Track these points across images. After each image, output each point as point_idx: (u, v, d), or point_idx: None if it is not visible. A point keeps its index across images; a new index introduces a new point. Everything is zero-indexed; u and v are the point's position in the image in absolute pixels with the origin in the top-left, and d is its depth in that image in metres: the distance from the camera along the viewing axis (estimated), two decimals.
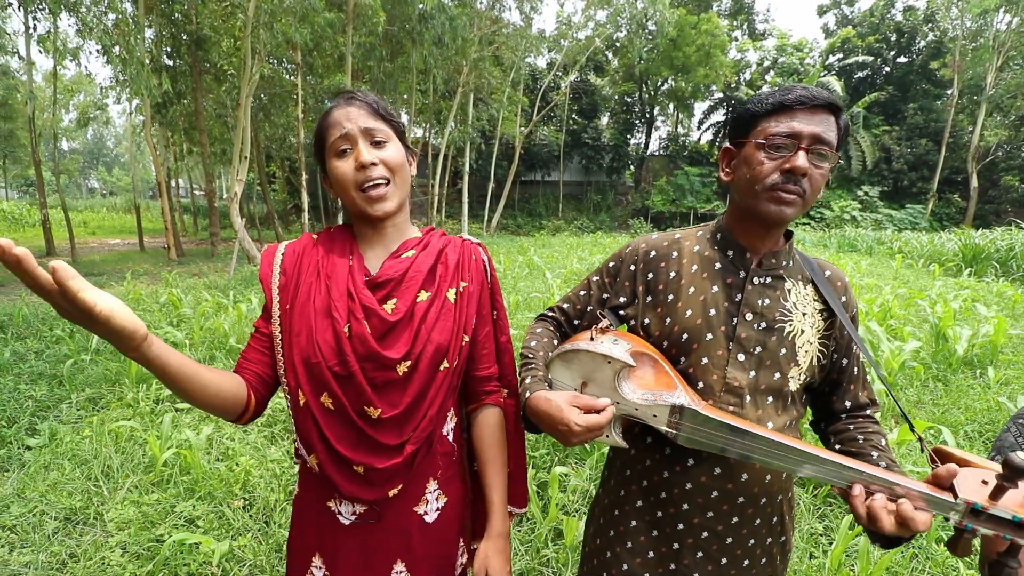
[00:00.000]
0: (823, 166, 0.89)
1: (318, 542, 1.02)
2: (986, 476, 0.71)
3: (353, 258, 0.99)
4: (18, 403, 3.44)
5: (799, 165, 0.86)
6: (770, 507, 0.99)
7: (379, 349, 0.91)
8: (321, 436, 0.93)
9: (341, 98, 0.97)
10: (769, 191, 0.89)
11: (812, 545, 2.29)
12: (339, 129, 0.93)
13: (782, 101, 0.89)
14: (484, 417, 1.07)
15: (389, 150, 0.95)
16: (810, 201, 0.91)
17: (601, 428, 0.87)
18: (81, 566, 2.10)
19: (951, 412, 3.63)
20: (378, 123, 0.95)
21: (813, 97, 0.88)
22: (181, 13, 12.52)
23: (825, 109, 0.89)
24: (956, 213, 25.47)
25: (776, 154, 0.89)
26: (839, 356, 1.01)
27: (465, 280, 1.02)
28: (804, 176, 0.87)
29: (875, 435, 0.98)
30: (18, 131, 24.68)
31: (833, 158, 0.89)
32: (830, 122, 0.89)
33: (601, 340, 0.95)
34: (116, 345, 0.70)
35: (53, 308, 0.63)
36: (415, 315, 0.94)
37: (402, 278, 0.96)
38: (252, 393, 0.95)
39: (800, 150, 0.87)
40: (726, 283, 0.98)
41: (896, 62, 29.00)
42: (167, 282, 7.93)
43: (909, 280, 9.40)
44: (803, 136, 0.87)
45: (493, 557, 1.03)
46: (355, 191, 0.94)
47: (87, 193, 61.20)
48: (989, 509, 0.68)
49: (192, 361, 0.83)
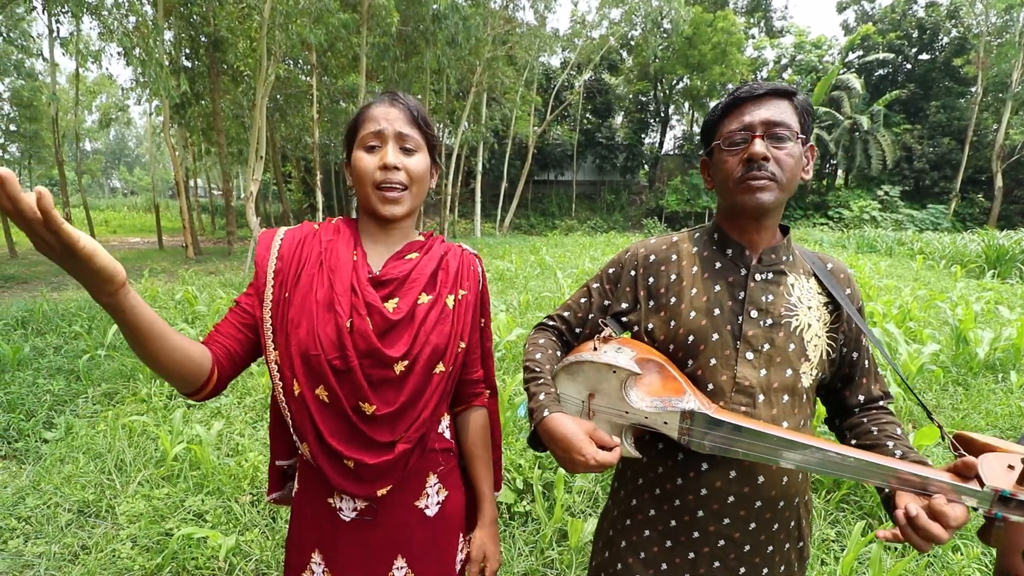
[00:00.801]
0: (785, 146, 0.90)
1: (318, 538, 1.02)
2: (1012, 460, 0.70)
3: (357, 253, 0.99)
4: (36, 397, 3.51)
5: (755, 151, 0.89)
6: (788, 511, 0.97)
7: (379, 346, 0.91)
8: (314, 428, 0.93)
9: (386, 96, 0.99)
10: (738, 184, 0.92)
11: (824, 552, 2.24)
12: (374, 125, 0.95)
13: (731, 101, 0.94)
14: (473, 417, 1.12)
15: (415, 159, 0.97)
16: (787, 183, 0.92)
17: (613, 464, 0.88)
18: (93, 558, 2.13)
19: (971, 417, 3.54)
20: (413, 131, 0.97)
21: (755, 88, 0.92)
22: (199, 15, 12.74)
23: (773, 96, 0.92)
24: (980, 213, 24.87)
25: (735, 148, 0.93)
26: (849, 350, 1.00)
27: (464, 288, 1.04)
28: (767, 160, 0.89)
29: (889, 425, 0.96)
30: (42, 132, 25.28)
31: (794, 137, 0.91)
32: (781, 106, 0.92)
33: (604, 349, 0.94)
34: (92, 288, 0.66)
35: (31, 241, 0.59)
36: (416, 316, 0.95)
37: (405, 279, 0.97)
38: (216, 368, 0.91)
39: (755, 138, 0.90)
40: (728, 281, 0.97)
41: (918, 59, 28.40)
42: (183, 280, 8.06)
43: (930, 282, 9.20)
44: (754, 125, 0.90)
45: (489, 543, 1.10)
46: (371, 187, 0.96)
47: (109, 192, 62.53)
48: (1018, 495, 0.66)
49: (163, 322, 0.79)
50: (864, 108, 25.49)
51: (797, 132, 0.91)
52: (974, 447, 0.77)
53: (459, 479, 1.10)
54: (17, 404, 3.37)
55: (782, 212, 0.98)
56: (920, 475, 0.73)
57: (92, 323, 5.21)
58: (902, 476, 0.74)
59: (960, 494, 0.70)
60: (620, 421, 0.91)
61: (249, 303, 0.99)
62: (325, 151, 18.23)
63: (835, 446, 0.79)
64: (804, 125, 0.93)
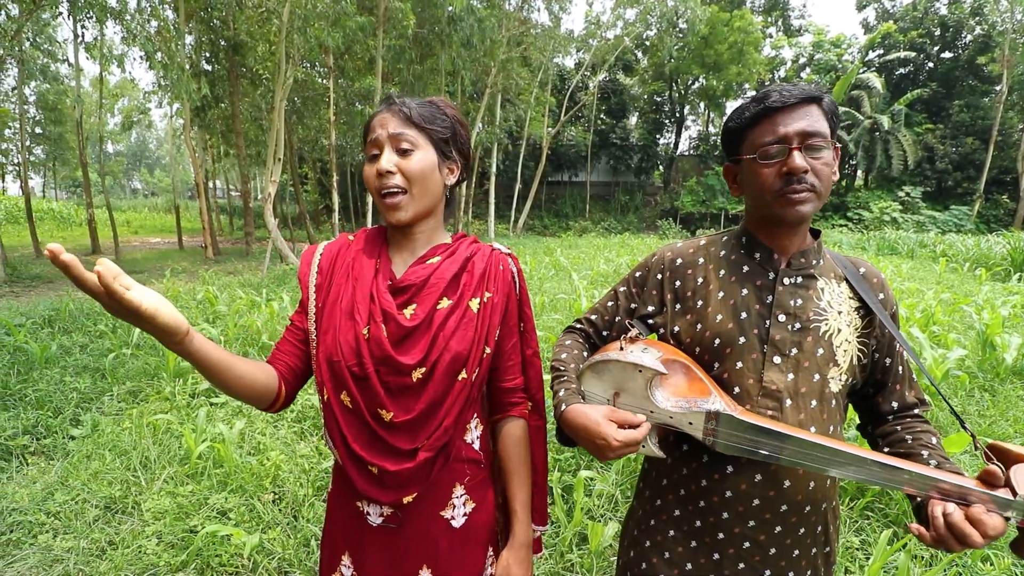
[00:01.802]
0: (821, 156, 0.89)
1: (347, 541, 1.04)
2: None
3: (380, 261, 1.00)
4: (63, 395, 3.60)
5: (797, 165, 0.87)
6: (815, 515, 0.96)
7: (393, 353, 0.91)
8: (340, 433, 0.95)
9: (383, 103, 1.00)
10: (778, 197, 0.90)
11: (848, 560, 2.21)
12: (371, 134, 0.97)
13: (761, 111, 0.91)
14: (510, 428, 1.06)
15: (412, 159, 0.95)
16: (824, 192, 0.91)
17: (638, 443, 0.87)
18: (119, 553, 2.18)
19: (999, 424, 3.45)
20: (408, 130, 0.95)
21: (786, 97, 0.89)
22: (219, 20, 12.94)
23: (804, 103, 0.89)
24: (1005, 215, 24.26)
25: (772, 161, 0.90)
26: (881, 356, 0.98)
27: (490, 291, 1.00)
28: (806, 173, 0.88)
29: (924, 434, 0.94)
30: (67, 134, 25.90)
31: (829, 144, 0.89)
32: (814, 113, 0.89)
33: (631, 349, 0.94)
34: (160, 340, 0.74)
35: (102, 306, 0.67)
36: (434, 322, 0.94)
37: (424, 284, 0.96)
38: (283, 384, 0.99)
39: (793, 150, 0.88)
40: (756, 285, 0.97)
41: (940, 58, 27.82)
42: (204, 280, 8.19)
43: (953, 285, 9.00)
44: (791, 137, 0.88)
45: (515, 567, 1.02)
46: (376, 196, 0.97)
47: (130, 194, 63.83)
48: None
49: (228, 353, 0.87)
50: (885, 108, 25.03)
51: (828, 139, 0.90)
52: (1008, 457, 0.76)
53: (490, 493, 1.07)
54: (45, 401, 3.45)
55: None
56: (959, 485, 0.71)
57: (117, 322, 5.32)
58: (942, 487, 0.73)
59: (995, 504, 0.69)
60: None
61: (299, 319, 1.04)
62: (341, 153, 18.40)
63: (866, 451, 0.78)
64: (832, 127, 0.92)
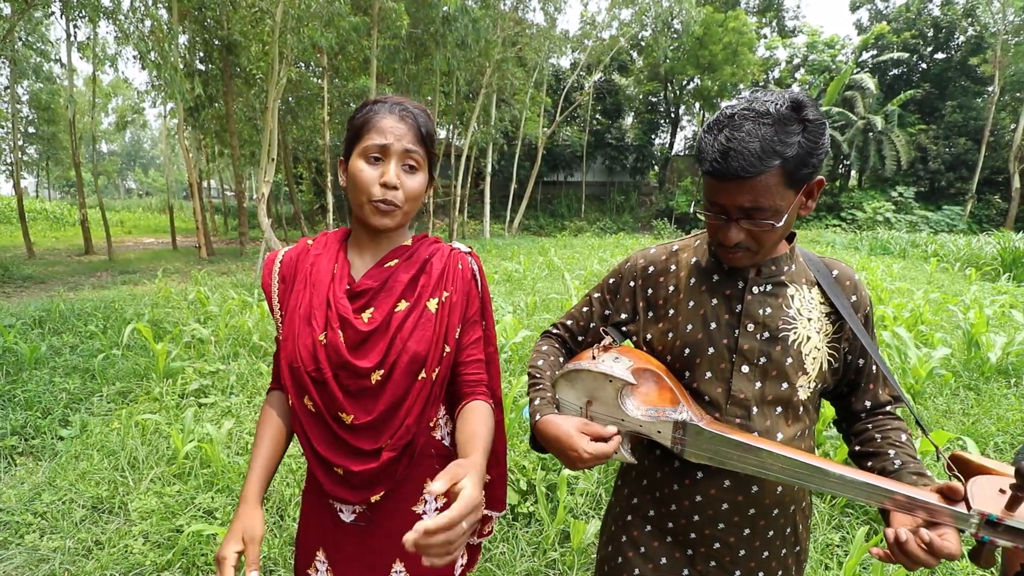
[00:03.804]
0: (764, 225, 0.84)
1: (321, 538, 1.05)
2: (1003, 484, 0.69)
3: (338, 266, 1.01)
4: (53, 395, 3.59)
5: (729, 237, 0.87)
6: (783, 518, 0.98)
7: (350, 358, 0.93)
8: (306, 435, 0.96)
9: (396, 107, 0.96)
10: (719, 247, 0.92)
11: (827, 556, 2.24)
12: (381, 138, 0.93)
13: (710, 173, 0.84)
14: (471, 406, 0.99)
15: (415, 180, 0.97)
16: (766, 248, 0.90)
17: (608, 456, 0.89)
18: (106, 553, 2.19)
19: (982, 422, 3.49)
20: (419, 148, 0.96)
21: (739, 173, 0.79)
22: (213, 19, 12.91)
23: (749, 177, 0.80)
24: (997, 215, 24.44)
25: (714, 218, 0.89)
26: (854, 357, 0.98)
27: (448, 290, 1.01)
28: (739, 243, 0.88)
29: (894, 432, 0.95)
30: (60, 134, 25.78)
31: (779, 215, 0.83)
32: (765, 182, 0.80)
33: (603, 359, 0.96)
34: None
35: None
36: (391, 325, 0.95)
37: (381, 287, 0.98)
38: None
39: (730, 221, 0.86)
40: (725, 295, 0.97)
41: (933, 58, 27.98)
42: (196, 280, 8.17)
43: (943, 285, 9.07)
44: (729, 209, 0.85)
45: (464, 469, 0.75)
46: (367, 200, 0.95)
47: (124, 193, 63.48)
48: (1005, 520, 0.66)
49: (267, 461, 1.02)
50: (878, 108, 25.16)
51: (780, 209, 0.83)
52: (969, 468, 0.77)
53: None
54: (34, 402, 3.45)
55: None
56: (910, 496, 0.73)
57: (107, 323, 5.31)
58: (895, 498, 0.74)
59: (949, 516, 0.70)
60: (616, 427, 0.93)
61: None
62: (336, 153, 18.37)
63: (822, 462, 0.79)
64: (797, 178, 0.82)
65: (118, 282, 8.93)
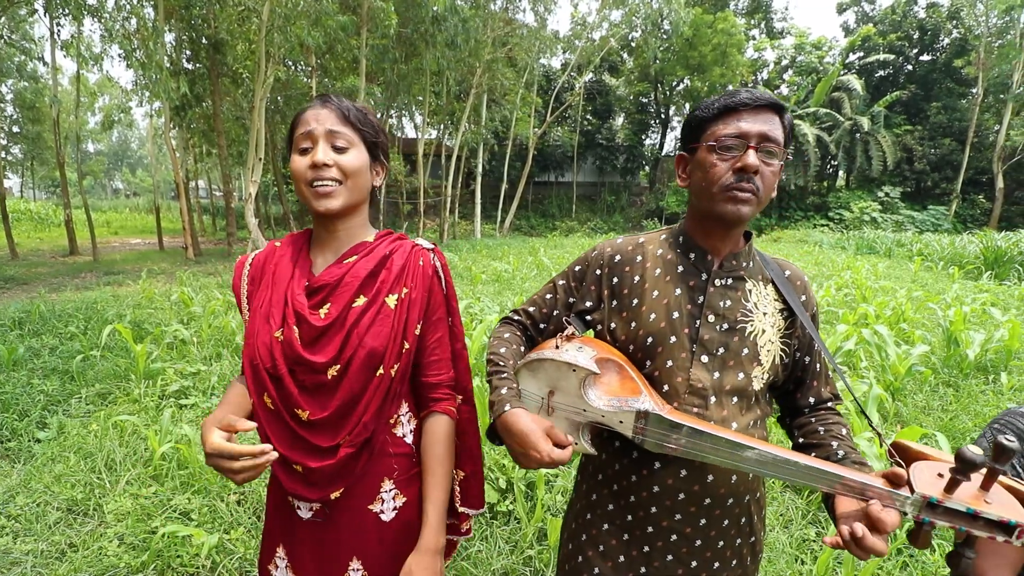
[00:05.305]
0: (772, 163, 0.92)
1: (281, 534, 1.06)
2: (942, 469, 0.73)
3: (299, 263, 1.02)
4: (30, 397, 3.55)
5: (750, 163, 0.89)
6: (738, 508, 1.00)
7: (304, 354, 0.93)
8: (265, 433, 0.97)
9: (317, 100, 1.01)
10: (724, 191, 0.92)
11: (803, 552, 2.26)
12: (305, 127, 0.97)
13: (727, 104, 0.92)
14: (430, 425, 1.05)
15: (349, 156, 0.98)
16: (764, 199, 0.93)
17: (565, 463, 0.90)
18: (79, 555, 2.16)
19: (960, 418, 3.54)
20: (344, 128, 0.98)
21: (757, 98, 0.92)
22: (200, 18, 12.79)
23: (769, 109, 0.92)
24: (981, 215, 24.78)
25: (727, 155, 0.92)
26: (802, 354, 1.03)
27: (408, 286, 1.01)
28: (756, 174, 0.90)
29: (835, 426, 1.00)
30: (45, 134, 25.43)
31: (781, 155, 0.93)
32: (775, 121, 0.92)
33: (566, 348, 0.96)
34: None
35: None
36: (347, 320, 0.96)
37: (338, 283, 0.98)
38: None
39: (750, 148, 0.90)
40: (688, 286, 1.00)
41: (919, 60, 28.35)
42: (181, 281, 8.10)
43: (927, 283, 9.19)
44: (751, 135, 0.90)
45: (417, 573, 0.97)
46: (305, 187, 0.98)
47: (111, 194, 62.75)
48: (944, 502, 0.69)
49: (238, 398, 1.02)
50: (865, 109, 25.43)
51: (782, 151, 0.93)
52: (909, 455, 0.81)
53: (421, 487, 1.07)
54: (11, 404, 3.40)
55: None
56: (860, 481, 0.76)
57: (88, 324, 5.25)
58: (845, 482, 0.77)
59: (893, 500, 0.73)
60: (578, 419, 0.94)
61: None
62: None
63: (778, 450, 0.81)
64: (787, 142, 0.96)
65: (102, 283, 8.82)
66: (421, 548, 0.99)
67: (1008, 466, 0.88)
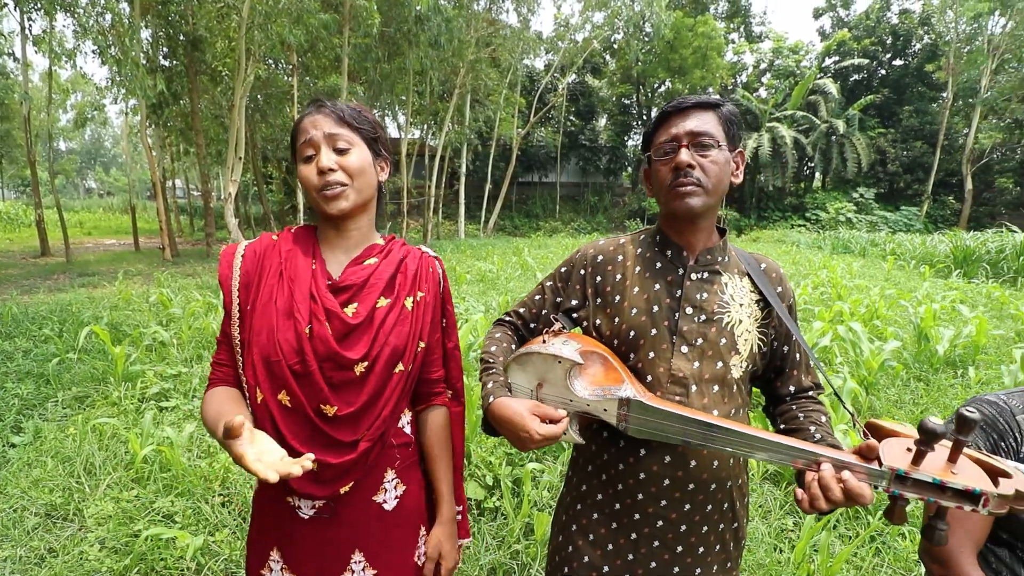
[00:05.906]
0: (709, 154, 0.98)
1: (276, 536, 1.05)
2: (910, 444, 0.76)
3: (316, 261, 1.03)
4: (4, 401, 3.46)
5: (681, 160, 0.97)
6: (720, 493, 1.04)
7: (339, 349, 0.96)
8: (277, 433, 0.96)
9: (312, 106, 1.02)
10: (670, 190, 1.00)
11: (781, 540, 2.33)
12: (305, 135, 0.99)
13: (660, 115, 1.03)
14: (433, 416, 1.14)
15: (351, 156, 1.00)
16: (713, 187, 0.99)
17: (557, 437, 0.94)
18: (60, 560, 2.13)
19: (930, 411, 3.67)
20: (343, 130, 0.99)
21: (681, 102, 1.01)
22: (177, 14, 12.55)
23: (698, 108, 1.00)
24: (951, 215, 25.56)
25: (666, 158, 1.01)
26: (779, 344, 1.08)
27: (422, 290, 1.08)
28: (692, 168, 0.97)
29: (815, 412, 1.04)
30: (14, 131, 24.65)
31: (718, 145, 0.98)
32: (705, 116, 0.99)
33: (552, 342, 1.01)
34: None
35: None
36: (375, 319, 1.00)
37: (364, 284, 1.01)
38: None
39: (681, 147, 0.98)
40: (667, 281, 1.05)
41: (892, 65, 29.11)
42: (159, 282, 7.95)
43: (899, 282, 9.45)
44: (681, 136, 0.99)
45: (445, 541, 1.12)
46: (315, 193, 1.00)
47: (84, 193, 61.09)
48: (912, 474, 0.72)
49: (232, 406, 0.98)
50: (840, 112, 26.02)
51: (720, 140, 0.98)
52: (881, 433, 0.85)
53: (419, 474, 1.13)
54: None
55: (716, 215, 1.06)
56: (834, 458, 0.80)
57: (63, 326, 5.13)
58: (820, 459, 0.81)
59: (865, 473, 0.78)
60: (566, 409, 0.98)
61: (228, 327, 1.04)
62: None
63: (756, 431, 0.85)
64: (730, 133, 1.01)
65: (76, 285, 8.60)
66: (443, 519, 1.13)
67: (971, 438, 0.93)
